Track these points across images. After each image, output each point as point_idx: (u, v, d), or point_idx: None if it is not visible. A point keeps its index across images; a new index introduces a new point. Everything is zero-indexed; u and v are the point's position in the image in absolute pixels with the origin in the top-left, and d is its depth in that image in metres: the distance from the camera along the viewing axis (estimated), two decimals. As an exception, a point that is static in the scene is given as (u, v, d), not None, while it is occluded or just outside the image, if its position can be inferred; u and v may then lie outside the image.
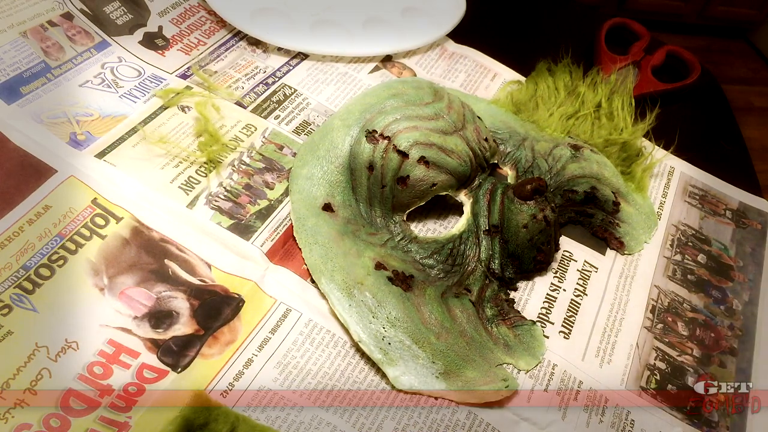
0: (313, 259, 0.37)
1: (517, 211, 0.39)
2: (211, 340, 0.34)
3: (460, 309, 0.37)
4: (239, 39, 0.52)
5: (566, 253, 0.43)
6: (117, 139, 0.41)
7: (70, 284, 0.34)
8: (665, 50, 0.60)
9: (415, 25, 0.56)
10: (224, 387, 0.32)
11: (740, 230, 0.49)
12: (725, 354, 0.41)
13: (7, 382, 0.30)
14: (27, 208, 0.36)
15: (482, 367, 0.35)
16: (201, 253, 0.37)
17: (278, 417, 0.32)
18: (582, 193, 0.44)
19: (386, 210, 0.40)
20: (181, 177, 0.40)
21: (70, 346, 0.32)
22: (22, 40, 0.43)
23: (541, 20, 0.66)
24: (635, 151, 0.50)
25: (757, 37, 1.93)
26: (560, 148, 0.46)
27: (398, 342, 0.35)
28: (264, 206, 0.40)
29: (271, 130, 0.45)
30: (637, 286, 0.43)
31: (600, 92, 0.52)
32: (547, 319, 0.39)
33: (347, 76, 0.51)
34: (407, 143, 0.39)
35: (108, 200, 0.38)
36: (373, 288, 0.36)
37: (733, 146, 0.57)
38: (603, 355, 0.39)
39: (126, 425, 0.30)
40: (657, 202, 0.49)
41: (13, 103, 0.41)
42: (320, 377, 0.34)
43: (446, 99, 0.42)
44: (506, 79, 0.56)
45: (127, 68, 0.46)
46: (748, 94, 1.75)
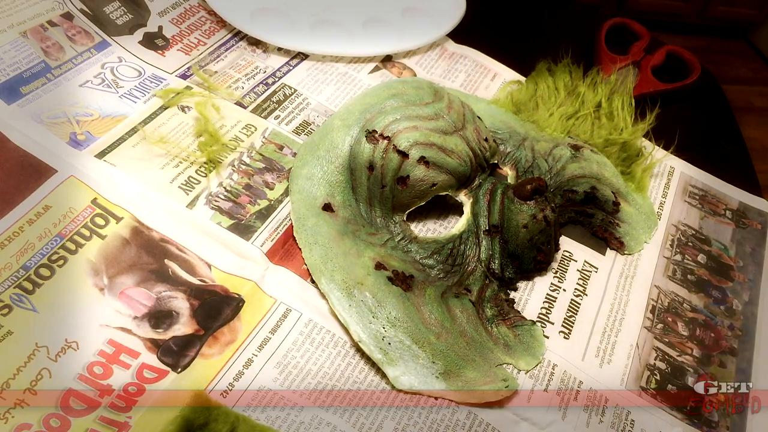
0: (313, 259, 0.37)
1: (517, 211, 0.39)
2: (211, 340, 0.34)
3: (460, 309, 0.37)
4: (239, 39, 0.52)
5: (566, 253, 0.43)
6: (117, 139, 0.41)
7: (70, 284, 0.34)
8: (665, 50, 0.60)
9: (415, 25, 0.56)
10: (224, 387, 0.32)
11: (740, 230, 0.49)
12: (725, 354, 0.41)
13: (7, 382, 0.30)
14: (27, 208, 0.36)
15: (482, 367, 0.35)
16: (201, 253, 0.37)
17: (278, 417, 0.32)
18: (582, 193, 0.44)
19: (386, 210, 0.40)
20: (181, 177, 0.40)
21: (70, 346, 0.32)
22: (22, 40, 0.43)
23: (541, 20, 0.66)
24: (635, 151, 0.50)
25: (757, 37, 1.93)
26: (560, 148, 0.46)
27: (398, 342, 0.35)
28: (264, 206, 0.40)
29: (271, 130, 0.45)
30: (637, 286, 0.43)
31: (600, 92, 0.52)
32: (547, 319, 0.39)
33: (347, 76, 0.51)
34: (407, 143, 0.39)
35: (108, 200, 0.38)
36: (373, 288, 0.36)
37: (733, 146, 0.57)
38: (603, 355, 0.39)
39: (126, 425, 0.30)
40: (657, 202, 0.49)
41: (13, 103, 0.41)
42: (320, 377, 0.34)
43: (446, 99, 0.42)
44: (506, 79, 0.56)
45: (127, 68, 0.46)
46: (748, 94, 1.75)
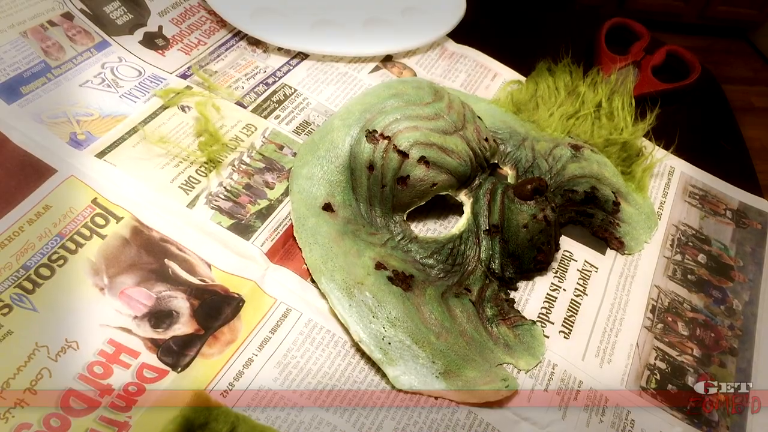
0: (313, 258, 0.37)
1: (517, 210, 0.39)
2: (211, 339, 0.34)
3: (461, 309, 0.37)
4: (239, 39, 0.52)
5: (566, 253, 0.43)
6: (117, 138, 0.41)
7: (70, 284, 0.34)
8: (665, 50, 0.60)
9: (416, 24, 0.56)
10: (224, 386, 0.32)
11: (740, 230, 0.49)
12: (725, 354, 0.41)
13: (7, 381, 0.30)
14: (27, 207, 0.36)
15: (482, 367, 0.35)
16: (201, 253, 0.37)
17: (278, 417, 0.32)
18: (582, 193, 0.44)
19: (386, 210, 0.40)
20: (181, 177, 0.40)
21: (70, 346, 0.32)
22: (22, 40, 0.43)
23: (541, 20, 0.66)
24: (635, 151, 0.50)
25: (757, 37, 1.93)
26: (560, 148, 0.46)
27: (398, 342, 0.35)
28: (264, 206, 0.40)
29: (271, 130, 0.45)
30: (637, 286, 0.43)
31: (600, 92, 0.52)
32: (547, 319, 0.39)
33: (347, 76, 0.51)
34: (407, 143, 0.39)
35: (108, 200, 0.38)
36: (373, 288, 0.36)
37: (733, 146, 0.57)
38: (603, 355, 0.39)
39: (126, 425, 0.30)
40: (657, 202, 0.49)
41: (14, 103, 0.41)
42: (320, 377, 0.34)
43: (446, 99, 0.42)
44: (506, 79, 0.56)
45: (127, 68, 0.46)
46: (748, 94, 1.75)
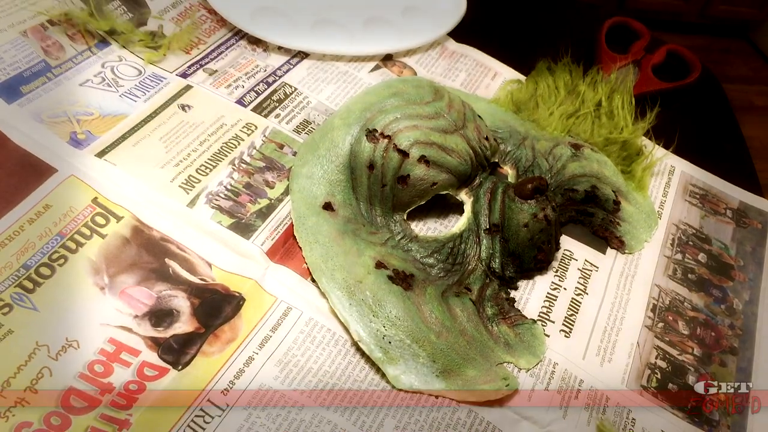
0: (313, 257, 0.37)
1: (517, 210, 0.39)
2: (211, 338, 0.34)
3: (461, 308, 0.37)
4: (239, 38, 0.52)
5: (567, 252, 0.43)
6: (117, 138, 0.41)
7: (70, 283, 0.34)
8: (666, 49, 0.60)
9: (416, 24, 0.56)
10: (225, 385, 0.32)
11: (741, 229, 0.49)
12: (726, 353, 0.41)
13: (7, 380, 0.30)
14: (27, 207, 0.36)
15: (483, 366, 0.35)
16: (201, 252, 0.37)
17: (279, 415, 0.32)
18: (582, 192, 0.44)
19: (387, 209, 0.40)
20: (181, 176, 0.40)
21: (70, 345, 0.32)
22: (22, 40, 0.43)
23: (541, 19, 0.66)
24: (635, 150, 0.49)
25: (757, 36, 1.93)
26: (560, 147, 0.46)
27: (398, 341, 0.35)
28: (264, 205, 0.40)
29: (271, 129, 0.45)
30: (637, 285, 0.43)
31: (600, 91, 0.52)
32: (548, 318, 0.39)
33: (348, 75, 0.51)
34: (408, 142, 0.39)
35: (108, 199, 0.38)
36: (374, 287, 0.36)
37: (733, 145, 0.57)
38: (604, 354, 0.39)
39: (126, 422, 0.30)
40: (657, 201, 0.49)
41: (14, 103, 0.41)
42: (321, 376, 0.34)
43: (446, 98, 0.42)
44: (506, 78, 0.56)
45: (127, 67, 0.46)
46: (748, 94, 1.75)
